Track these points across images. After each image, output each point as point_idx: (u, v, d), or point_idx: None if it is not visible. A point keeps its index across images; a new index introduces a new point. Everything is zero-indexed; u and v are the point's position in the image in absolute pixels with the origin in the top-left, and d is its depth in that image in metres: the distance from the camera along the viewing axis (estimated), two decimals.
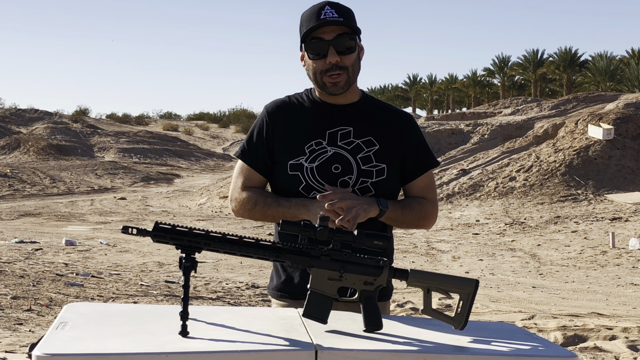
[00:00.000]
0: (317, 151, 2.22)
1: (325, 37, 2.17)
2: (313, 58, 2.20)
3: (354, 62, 2.22)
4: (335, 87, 2.21)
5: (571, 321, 6.45)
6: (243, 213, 2.29)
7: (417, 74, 73.62)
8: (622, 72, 40.05)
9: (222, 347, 1.58)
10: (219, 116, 60.74)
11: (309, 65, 2.23)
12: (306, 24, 2.19)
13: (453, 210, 17.21)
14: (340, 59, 2.18)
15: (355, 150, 2.23)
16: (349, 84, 2.23)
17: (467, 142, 22.93)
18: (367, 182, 2.22)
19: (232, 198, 2.33)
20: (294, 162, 2.23)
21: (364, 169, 2.23)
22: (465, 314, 1.80)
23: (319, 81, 2.22)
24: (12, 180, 24.62)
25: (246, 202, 2.27)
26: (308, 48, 2.20)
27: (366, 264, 1.82)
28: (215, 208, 19.54)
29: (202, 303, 7.10)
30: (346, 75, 2.20)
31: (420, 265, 10.65)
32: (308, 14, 2.20)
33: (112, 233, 13.90)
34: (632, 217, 15.26)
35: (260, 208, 2.24)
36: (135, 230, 1.68)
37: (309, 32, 2.17)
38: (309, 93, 2.33)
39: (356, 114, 2.28)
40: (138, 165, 32.56)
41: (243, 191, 2.29)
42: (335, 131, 2.25)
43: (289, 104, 2.32)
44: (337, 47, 2.17)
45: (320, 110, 2.28)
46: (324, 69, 2.19)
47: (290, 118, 2.28)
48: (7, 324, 5.75)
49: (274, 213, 2.21)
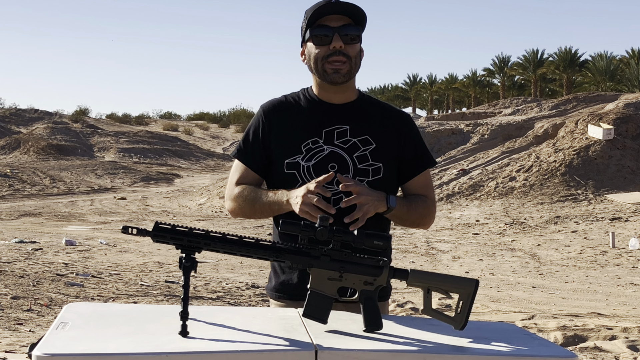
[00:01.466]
0: (313, 150, 2.22)
1: (331, 25, 2.18)
2: (317, 43, 2.20)
3: (356, 54, 2.22)
4: (336, 74, 2.20)
5: (571, 321, 6.45)
6: (235, 209, 2.29)
7: (417, 74, 73.74)
8: (622, 72, 40.04)
9: (222, 347, 1.58)
10: (219, 116, 60.74)
11: (311, 54, 2.22)
12: (311, 11, 2.19)
13: (453, 210, 17.21)
14: (344, 47, 2.18)
15: (352, 149, 2.23)
16: (350, 75, 2.22)
17: (467, 142, 22.93)
18: (364, 181, 2.21)
19: (226, 197, 2.33)
20: (291, 161, 2.22)
21: (360, 168, 2.22)
22: (465, 314, 1.80)
23: (320, 69, 2.21)
24: (12, 180, 24.62)
25: (237, 197, 2.26)
26: (313, 33, 2.20)
27: (366, 264, 1.82)
28: (215, 208, 19.54)
29: (202, 303, 7.10)
30: (348, 65, 2.20)
31: (420, 265, 10.65)
32: (313, 5, 2.21)
33: (112, 233, 13.90)
34: (632, 217, 15.26)
35: (250, 203, 2.23)
36: (135, 230, 1.68)
37: (317, 16, 2.18)
38: (305, 92, 2.33)
39: (353, 113, 2.28)
40: (138, 165, 32.56)
41: (236, 187, 2.29)
42: (331, 129, 2.24)
43: (286, 103, 2.31)
44: (342, 34, 2.18)
45: (317, 109, 2.28)
46: (326, 55, 2.19)
47: (286, 117, 2.28)
48: (7, 324, 5.75)
49: (262, 206, 2.21)
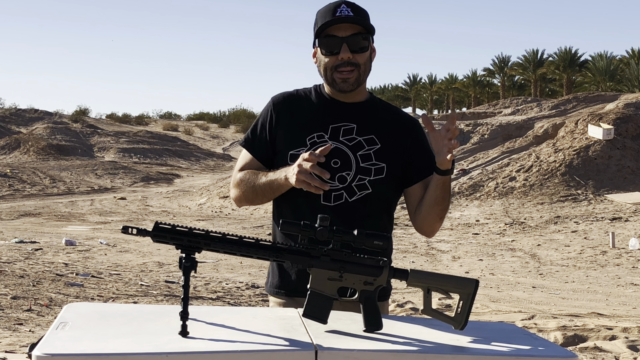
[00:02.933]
0: (318, 144, 2.23)
1: (339, 35, 2.18)
2: (326, 54, 2.21)
3: (365, 60, 2.23)
4: (345, 83, 2.21)
5: (571, 321, 6.45)
6: (240, 196, 2.31)
7: (417, 74, 73.56)
8: (622, 72, 40.01)
9: (222, 347, 1.58)
10: (219, 116, 60.71)
11: (321, 62, 2.24)
12: (321, 20, 2.20)
13: (453, 210, 17.21)
14: (353, 56, 2.19)
15: (356, 147, 2.24)
16: (359, 82, 2.23)
17: (467, 142, 22.93)
18: (365, 180, 2.22)
19: (231, 186, 2.36)
20: (295, 153, 2.23)
21: (363, 166, 2.22)
22: (465, 314, 1.80)
23: (329, 77, 2.23)
24: (12, 180, 24.62)
25: (239, 183, 2.29)
26: (321, 44, 2.21)
27: (366, 264, 1.82)
28: (215, 208, 19.54)
29: (202, 303, 7.11)
30: (357, 73, 2.21)
31: (420, 265, 10.65)
32: (324, 11, 2.21)
33: (112, 233, 13.90)
34: (632, 217, 15.26)
35: (251, 186, 2.26)
36: (135, 230, 1.68)
37: (324, 28, 2.19)
38: (317, 88, 2.35)
39: (362, 112, 2.29)
40: (138, 165, 32.56)
41: (238, 174, 2.32)
42: (338, 126, 2.26)
43: (296, 96, 2.33)
44: (351, 44, 2.18)
45: (326, 105, 2.29)
46: (335, 65, 2.20)
47: (295, 109, 2.30)
48: (7, 324, 5.75)
49: (262, 187, 2.23)
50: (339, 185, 2.20)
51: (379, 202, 2.26)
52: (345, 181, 2.21)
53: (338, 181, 2.20)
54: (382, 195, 2.25)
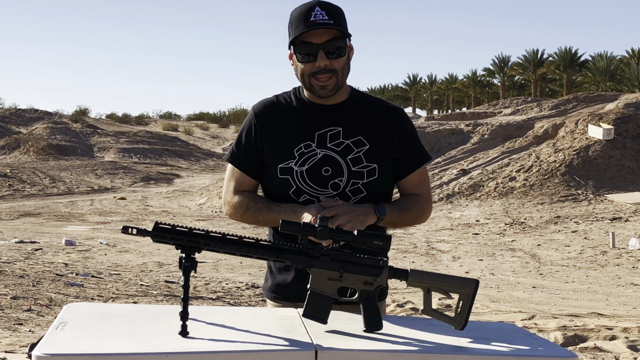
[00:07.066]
0: (306, 154, 2.20)
1: (315, 41, 2.13)
2: (302, 61, 2.17)
3: (343, 65, 2.18)
4: (323, 90, 2.18)
5: (571, 321, 6.45)
6: (236, 217, 2.28)
7: (417, 74, 73.64)
8: (622, 72, 40.00)
9: (222, 347, 1.58)
10: (218, 116, 60.72)
11: (298, 67, 2.20)
12: (295, 25, 2.15)
13: (453, 210, 17.21)
14: (330, 62, 2.14)
15: (345, 151, 2.21)
16: (338, 87, 2.20)
17: (467, 142, 22.92)
18: (358, 184, 2.20)
19: (225, 202, 2.32)
20: (284, 166, 2.20)
21: (355, 171, 2.21)
22: (465, 314, 1.80)
23: (307, 83, 2.19)
24: (12, 180, 24.61)
25: (238, 206, 2.26)
26: (297, 51, 2.17)
27: (366, 264, 1.82)
28: (215, 208, 19.53)
29: (202, 303, 7.10)
30: (335, 79, 2.17)
31: (420, 265, 10.65)
32: (297, 15, 2.15)
33: (112, 233, 13.90)
34: (632, 217, 15.26)
35: (252, 213, 2.23)
36: (135, 230, 1.68)
37: (299, 36, 2.13)
38: (297, 92, 2.30)
39: (345, 113, 2.25)
40: (138, 165, 32.56)
41: (235, 195, 2.27)
42: (324, 132, 2.22)
43: (277, 104, 2.28)
44: (327, 50, 2.14)
45: (308, 111, 2.25)
46: (312, 72, 2.16)
47: (278, 120, 2.25)
48: (7, 324, 5.75)
49: (266, 218, 2.21)
50: (332, 193, 2.18)
51: (375, 202, 2.25)
52: (339, 188, 2.19)
53: (331, 188, 2.18)
54: (377, 195, 2.23)
